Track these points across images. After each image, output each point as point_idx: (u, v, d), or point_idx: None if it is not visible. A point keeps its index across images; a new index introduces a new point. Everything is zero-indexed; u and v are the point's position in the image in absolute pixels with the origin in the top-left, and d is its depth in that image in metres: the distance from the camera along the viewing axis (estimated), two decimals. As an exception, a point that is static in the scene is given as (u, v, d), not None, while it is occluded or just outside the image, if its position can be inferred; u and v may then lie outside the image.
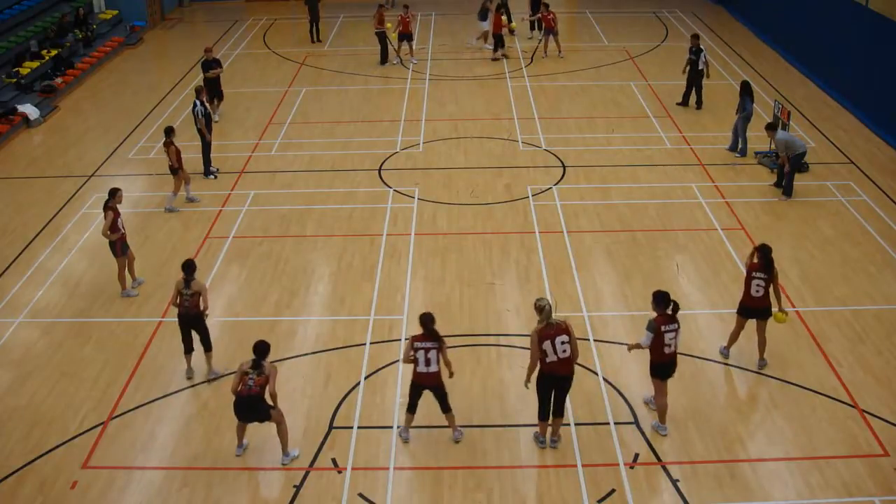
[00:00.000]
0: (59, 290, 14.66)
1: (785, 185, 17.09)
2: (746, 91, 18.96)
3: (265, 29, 31.13)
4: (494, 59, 26.19)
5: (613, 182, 18.01)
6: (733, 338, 12.38)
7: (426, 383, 10.57)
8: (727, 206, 16.82)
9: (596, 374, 12.11)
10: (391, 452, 10.78)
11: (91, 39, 28.30)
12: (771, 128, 17.54)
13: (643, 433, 11.00)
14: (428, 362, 10.44)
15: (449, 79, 24.95)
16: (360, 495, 10.19)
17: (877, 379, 11.99)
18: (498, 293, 14.16)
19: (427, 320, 10.48)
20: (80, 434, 11.27)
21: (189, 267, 11.85)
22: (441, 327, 13.25)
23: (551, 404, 10.58)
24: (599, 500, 10.05)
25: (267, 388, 10.25)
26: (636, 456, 10.67)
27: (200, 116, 18.10)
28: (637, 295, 14.02)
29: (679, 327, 10.62)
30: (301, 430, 11.12)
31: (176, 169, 16.83)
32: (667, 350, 10.56)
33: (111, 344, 13.15)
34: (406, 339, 10.96)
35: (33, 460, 10.84)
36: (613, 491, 10.17)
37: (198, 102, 18.22)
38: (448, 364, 10.59)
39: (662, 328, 10.47)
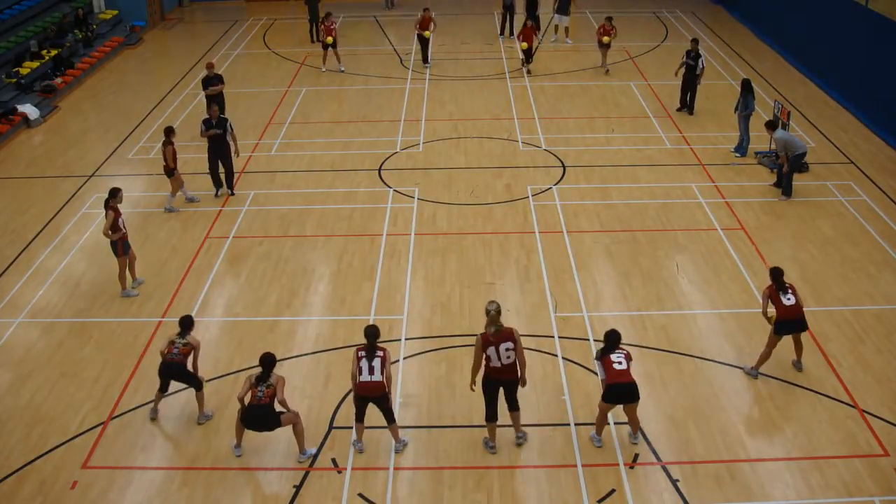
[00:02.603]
0: (59, 290, 14.66)
1: (784, 185, 17.08)
2: (748, 88, 18.95)
3: (265, 29, 31.13)
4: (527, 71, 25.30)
5: (613, 182, 18.02)
6: (764, 358, 11.91)
7: (369, 393, 10.42)
8: (727, 206, 16.82)
9: (596, 374, 12.09)
10: (391, 452, 10.78)
11: (91, 39, 28.29)
12: (770, 126, 17.53)
13: (643, 433, 10.99)
14: (371, 371, 10.32)
15: (449, 79, 24.95)
16: (360, 495, 10.20)
17: (877, 379, 11.99)
18: (498, 293, 14.16)
19: (370, 334, 10.40)
20: (80, 434, 11.27)
21: (185, 324, 11.25)
22: (441, 327, 13.37)
23: (499, 405, 10.59)
24: (599, 500, 10.06)
25: (276, 398, 10.29)
26: (636, 456, 10.67)
27: (204, 130, 17.17)
28: (637, 295, 14.02)
29: (628, 355, 10.54)
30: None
31: (171, 170, 16.79)
32: (617, 367, 10.40)
33: (111, 344, 13.15)
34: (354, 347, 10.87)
35: (33, 460, 10.84)
36: (613, 491, 10.17)
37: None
38: (388, 377, 10.45)
39: (605, 354, 10.51)
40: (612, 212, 16.72)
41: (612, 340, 10.62)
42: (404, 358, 12.61)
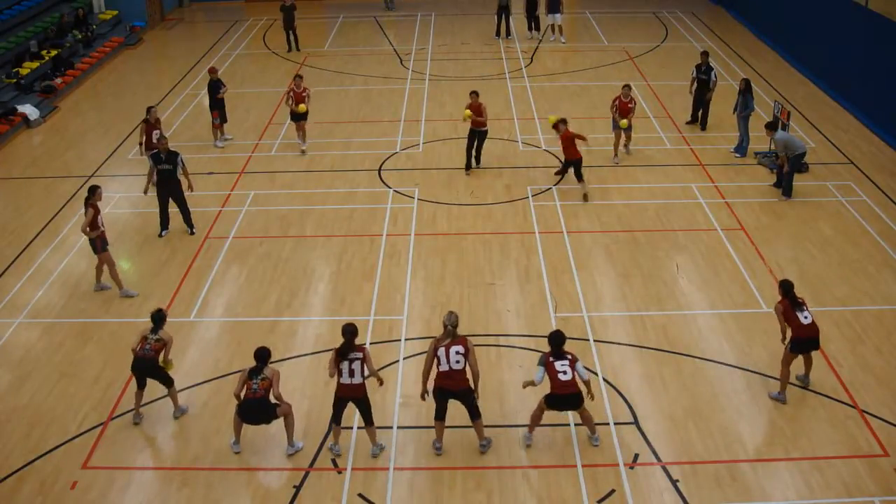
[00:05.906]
0: (59, 290, 14.66)
1: (784, 186, 17.08)
2: (747, 89, 18.93)
3: (265, 29, 31.12)
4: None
5: (613, 182, 18.01)
6: (785, 378, 11.43)
7: (349, 395, 10.40)
8: (727, 207, 16.82)
9: (596, 374, 12.11)
10: (391, 452, 10.78)
11: (91, 40, 28.29)
12: (770, 127, 17.53)
13: (643, 433, 10.99)
14: (352, 373, 10.29)
15: (449, 79, 24.95)
16: (360, 495, 10.20)
17: (877, 379, 11.99)
18: (498, 293, 14.16)
19: (347, 332, 10.36)
20: (80, 434, 11.26)
21: (157, 319, 11.17)
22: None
23: (447, 409, 10.64)
24: (599, 500, 10.06)
25: (271, 391, 10.32)
26: (636, 456, 10.67)
27: (153, 165, 15.82)
28: (637, 295, 14.02)
29: (573, 360, 10.39)
30: (301, 430, 11.11)
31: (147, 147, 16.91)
32: (562, 377, 10.28)
33: (111, 344, 13.15)
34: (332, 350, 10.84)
35: (33, 460, 10.84)
36: (613, 491, 10.17)
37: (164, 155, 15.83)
38: (374, 373, 10.45)
39: (550, 358, 10.39)
40: (612, 212, 16.72)
41: (556, 344, 10.42)
42: (404, 358, 12.61)
